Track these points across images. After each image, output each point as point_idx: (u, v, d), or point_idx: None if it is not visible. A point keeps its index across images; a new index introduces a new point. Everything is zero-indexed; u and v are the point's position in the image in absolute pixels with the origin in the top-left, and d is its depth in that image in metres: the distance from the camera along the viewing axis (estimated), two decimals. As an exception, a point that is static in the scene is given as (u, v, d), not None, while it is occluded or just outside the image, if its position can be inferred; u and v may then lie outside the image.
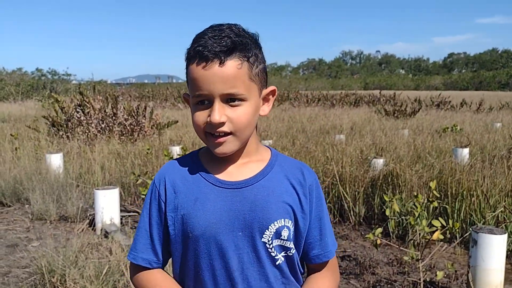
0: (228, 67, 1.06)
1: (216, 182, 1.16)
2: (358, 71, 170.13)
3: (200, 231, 1.12)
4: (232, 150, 1.13)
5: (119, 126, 9.98)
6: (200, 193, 1.15)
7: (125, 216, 5.62)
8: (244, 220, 1.12)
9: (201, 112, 1.11)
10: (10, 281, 3.92)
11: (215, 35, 1.07)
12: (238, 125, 1.10)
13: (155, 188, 1.21)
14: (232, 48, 1.06)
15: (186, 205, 1.14)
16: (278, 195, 1.15)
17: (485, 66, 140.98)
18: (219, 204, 1.13)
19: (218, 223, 1.12)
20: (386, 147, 7.92)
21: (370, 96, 25.92)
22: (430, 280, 3.93)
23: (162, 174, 1.22)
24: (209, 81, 1.06)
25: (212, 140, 1.12)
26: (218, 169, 1.18)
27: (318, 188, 1.23)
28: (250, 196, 1.14)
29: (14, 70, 38.85)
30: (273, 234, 1.13)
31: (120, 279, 3.48)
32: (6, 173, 6.50)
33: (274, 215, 1.13)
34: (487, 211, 4.82)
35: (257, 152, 1.21)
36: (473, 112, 17.47)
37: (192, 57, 1.09)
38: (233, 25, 1.11)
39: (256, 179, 1.16)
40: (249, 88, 1.10)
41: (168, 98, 27.51)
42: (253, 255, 1.13)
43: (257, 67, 1.11)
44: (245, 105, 1.10)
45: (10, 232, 5.21)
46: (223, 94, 1.07)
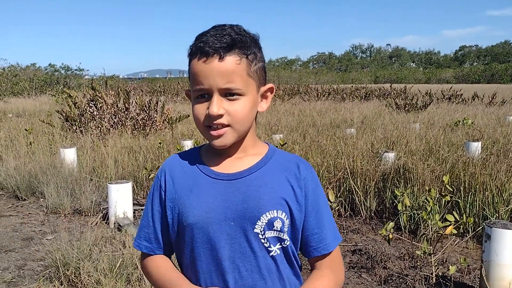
0: (227, 62, 1.11)
1: (211, 173, 1.21)
2: (368, 64, 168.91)
3: (194, 220, 1.16)
4: (230, 142, 1.17)
5: (131, 121, 10.05)
6: (195, 184, 1.20)
7: (138, 210, 5.67)
8: (236, 211, 1.15)
9: (200, 105, 1.16)
10: (25, 273, 3.98)
11: (217, 33, 1.12)
12: (235, 118, 1.14)
13: (157, 179, 1.27)
14: (232, 45, 1.11)
15: (182, 195, 1.20)
16: (271, 187, 1.19)
17: (497, 59, 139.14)
18: (213, 195, 1.17)
19: (211, 212, 1.15)
20: (397, 141, 7.89)
21: (381, 90, 25.74)
22: (442, 274, 3.92)
23: (164, 166, 1.29)
24: (209, 75, 1.11)
25: (210, 132, 1.16)
26: (215, 162, 1.23)
27: (314, 181, 1.25)
28: (243, 187, 1.18)
29: (28, 65, 39.24)
30: (265, 224, 1.15)
31: (133, 272, 3.52)
32: (21, 167, 6.60)
33: (266, 206, 1.16)
34: (501, 205, 4.79)
35: (254, 147, 1.25)
36: (485, 106, 17.28)
37: (193, 53, 1.15)
38: (235, 25, 1.16)
39: (249, 171, 1.20)
40: (246, 84, 1.14)
41: (179, 93, 27.62)
42: (245, 245, 1.16)
43: (255, 65, 1.16)
44: (242, 100, 1.14)
45: (25, 225, 5.29)
46: (222, 89, 1.12)
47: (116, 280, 3.40)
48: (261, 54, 1.20)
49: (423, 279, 3.79)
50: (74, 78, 36.99)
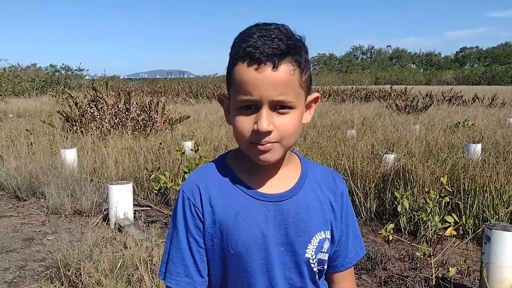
0: (281, 72, 0.98)
1: (256, 195, 1.09)
2: (369, 66, 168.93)
3: (244, 247, 1.06)
4: (276, 159, 1.06)
5: (131, 121, 10.06)
6: (240, 207, 1.08)
7: (138, 211, 5.68)
8: (286, 235, 1.08)
9: (246, 118, 1.02)
10: (26, 274, 3.99)
11: (264, 35, 0.98)
12: (284, 133, 1.02)
13: (188, 201, 1.10)
14: (286, 52, 0.99)
15: (226, 220, 1.07)
16: (316, 206, 1.12)
17: (498, 61, 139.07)
18: (262, 219, 1.07)
19: (263, 238, 1.06)
20: (398, 143, 7.90)
21: (381, 91, 25.74)
22: (442, 276, 3.93)
23: (193, 183, 1.12)
24: (260, 85, 0.98)
25: (258, 147, 1.03)
26: (255, 181, 1.11)
27: (347, 195, 1.21)
28: (292, 209, 1.09)
29: (28, 66, 39.28)
30: (315, 248, 1.10)
31: (134, 273, 3.52)
32: (22, 168, 6.60)
33: (315, 228, 1.10)
34: (501, 207, 4.79)
35: (288, 160, 1.15)
36: (486, 107, 17.28)
37: (240, 57, 0.99)
38: (281, 25, 1.03)
39: (295, 191, 1.11)
40: (298, 96, 1.03)
41: (180, 93, 27.63)
42: (295, 271, 1.09)
43: (306, 73, 1.05)
44: (292, 113, 1.03)
45: (26, 225, 5.30)
46: (273, 101, 0.99)
47: (117, 281, 3.41)
48: (309, 60, 1.07)
49: (423, 280, 3.79)
50: (75, 78, 37.04)
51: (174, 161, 6.90)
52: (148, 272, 3.43)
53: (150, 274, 3.43)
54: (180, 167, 6.11)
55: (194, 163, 5.57)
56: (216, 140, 8.71)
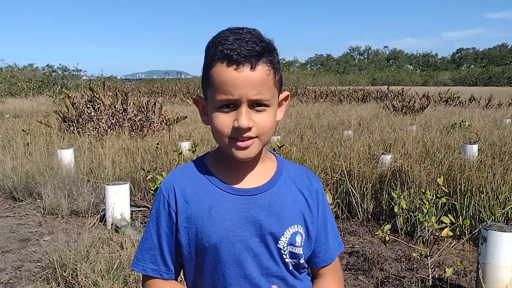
0: (258, 72, 1.04)
1: (229, 189, 1.14)
2: (366, 66, 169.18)
3: (217, 239, 1.10)
4: (254, 154, 1.11)
5: (129, 122, 10.05)
6: (214, 201, 1.13)
7: (135, 211, 5.67)
8: (260, 227, 1.12)
9: (225, 116, 1.07)
10: (22, 275, 3.98)
11: (238, 38, 1.04)
12: (263, 129, 1.08)
13: (163, 198, 1.17)
14: (261, 53, 1.05)
15: (200, 214, 1.12)
16: (290, 201, 1.17)
17: (494, 62, 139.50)
18: (234, 212, 1.12)
19: (235, 230, 1.11)
20: (394, 143, 7.91)
21: (378, 92, 25.79)
22: (439, 276, 3.94)
23: (170, 183, 1.18)
24: (240, 85, 1.03)
25: (237, 144, 1.08)
26: (230, 177, 1.16)
27: (323, 193, 1.25)
28: (265, 202, 1.14)
29: (25, 66, 39.15)
30: (287, 240, 1.14)
31: (130, 274, 3.52)
32: (19, 168, 6.59)
33: (288, 221, 1.14)
34: (497, 208, 4.81)
35: (265, 158, 1.21)
36: (482, 108, 17.32)
37: (219, 59, 1.05)
38: (252, 29, 1.09)
39: (269, 185, 1.16)
40: (273, 94, 1.09)
41: (177, 94, 27.61)
42: (270, 260, 1.13)
43: (278, 74, 1.11)
44: (268, 111, 1.09)
45: (22, 226, 5.28)
46: (251, 100, 1.05)
47: (113, 281, 3.40)
48: (279, 61, 1.14)
49: (419, 281, 3.80)
50: (72, 78, 36.95)
51: (171, 161, 6.90)
52: (145, 273, 3.42)
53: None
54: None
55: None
56: (213, 141, 8.70)
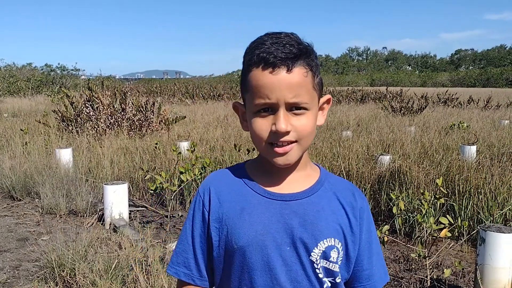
0: (295, 74, 1.02)
1: (263, 192, 1.11)
2: (364, 67, 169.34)
3: (246, 242, 1.06)
4: (294, 159, 1.08)
5: (127, 122, 10.04)
6: (247, 203, 1.10)
7: (134, 211, 5.67)
8: (292, 235, 1.07)
9: (263, 120, 1.06)
10: (20, 274, 3.97)
11: (276, 42, 1.03)
12: (302, 133, 1.06)
13: (199, 198, 1.16)
14: (298, 55, 1.03)
15: (232, 215, 1.10)
16: (329, 213, 1.11)
17: (493, 63, 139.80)
18: (267, 215, 1.08)
19: (266, 234, 1.06)
20: (393, 144, 7.92)
21: (377, 93, 25.82)
22: (437, 277, 3.94)
23: (207, 184, 1.17)
24: (276, 88, 1.02)
25: (275, 150, 1.06)
26: (266, 181, 1.13)
27: (368, 212, 1.18)
28: (300, 210, 1.09)
29: (24, 65, 39.05)
30: (321, 253, 1.07)
31: (129, 274, 3.51)
32: (17, 168, 6.58)
33: (324, 233, 1.08)
34: (495, 209, 4.81)
35: (306, 167, 1.16)
36: (481, 109, 17.34)
37: (255, 63, 1.04)
38: (290, 33, 1.07)
39: (306, 193, 1.12)
40: (312, 97, 1.07)
41: (175, 94, 27.57)
42: (301, 272, 1.07)
43: (317, 77, 1.09)
44: (308, 114, 1.06)
45: (20, 226, 5.27)
46: (289, 103, 1.03)
47: (112, 281, 3.40)
48: (318, 64, 1.11)
49: (417, 282, 3.80)
50: (70, 78, 36.89)
51: (170, 161, 6.89)
52: (143, 273, 3.42)
53: (145, 275, 3.42)
54: (176, 168, 6.10)
55: (190, 163, 5.57)
56: (212, 141, 8.70)
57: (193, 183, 5.96)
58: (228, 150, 7.54)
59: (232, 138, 8.95)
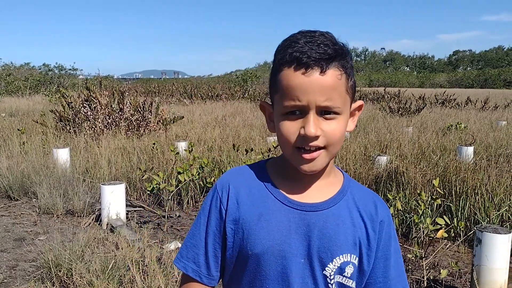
0: (329, 77, 0.97)
1: (284, 200, 1.06)
2: (363, 68, 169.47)
3: (262, 249, 1.03)
4: (321, 167, 1.04)
5: (125, 122, 10.03)
6: (266, 209, 1.05)
7: (131, 211, 5.67)
8: (309, 247, 1.03)
9: (291, 123, 1.01)
10: (17, 274, 3.97)
11: (310, 41, 0.98)
12: (332, 139, 1.00)
13: (216, 194, 1.10)
14: (333, 57, 0.98)
15: (249, 219, 1.05)
16: (348, 226, 1.07)
17: (491, 64, 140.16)
18: (286, 225, 1.04)
19: (283, 244, 1.03)
20: (390, 145, 7.93)
21: (375, 93, 25.85)
22: (434, 278, 3.95)
23: (226, 180, 1.12)
24: (308, 90, 0.96)
25: (303, 156, 1.01)
26: (288, 187, 1.08)
27: (389, 225, 1.13)
28: (319, 222, 1.04)
29: (22, 64, 38.94)
30: (336, 268, 1.04)
31: (125, 274, 3.51)
32: (14, 167, 6.56)
33: (341, 248, 1.04)
34: (492, 210, 4.83)
35: (330, 174, 1.11)
36: (478, 110, 17.37)
37: (287, 62, 0.99)
38: (325, 32, 1.02)
39: (327, 204, 1.07)
40: (344, 101, 1.01)
41: (174, 94, 27.54)
42: (313, 286, 1.04)
43: (351, 80, 1.03)
44: (339, 119, 1.01)
45: (17, 225, 5.27)
46: (320, 106, 0.98)
47: (108, 281, 3.40)
48: (353, 66, 1.06)
49: (414, 282, 3.81)
50: (68, 78, 36.82)
51: (168, 161, 6.89)
52: (140, 273, 3.42)
53: (142, 275, 3.42)
54: (173, 168, 6.10)
55: (188, 163, 5.57)
56: (210, 141, 8.70)
57: (191, 184, 5.96)
58: (226, 150, 7.54)
59: (230, 139, 8.96)
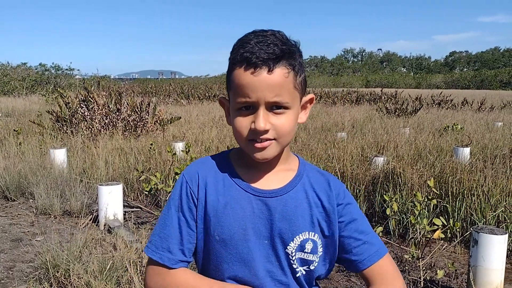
0: (276, 75, 1.06)
1: (247, 188, 1.16)
2: (359, 68, 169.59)
3: (229, 235, 1.12)
4: (272, 155, 1.13)
5: (122, 122, 10.02)
6: (231, 198, 1.14)
7: (128, 212, 5.66)
8: (271, 229, 1.13)
9: (244, 118, 1.10)
10: (14, 275, 3.96)
11: (260, 41, 1.06)
12: (281, 132, 1.10)
13: (186, 184, 1.17)
14: (280, 56, 1.06)
15: (217, 207, 1.14)
16: (305, 207, 1.16)
17: (487, 65, 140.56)
18: (249, 211, 1.13)
19: (248, 229, 1.12)
20: (387, 146, 7.95)
21: (372, 94, 25.89)
22: (430, 278, 3.97)
23: (194, 170, 1.19)
24: (257, 88, 1.05)
25: (255, 145, 1.11)
26: (250, 176, 1.17)
27: (346, 195, 1.22)
28: (279, 206, 1.14)
29: (18, 64, 38.77)
30: (297, 246, 1.14)
31: (123, 275, 3.51)
32: (11, 168, 6.55)
33: (300, 228, 1.14)
34: (488, 211, 4.85)
35: (287, 160, 1.21)
36: (475, 111, 17.43)
37: (238, 62, 1.07)
38: (277, 32, 1.10)
39: (286, 189, 1.16)
40: (293, 97, 1.10)
41: (171, 94, 27.54)
42: (276, 264, 1.14)
43: (300, 76, 1.12)
44: (288, 113, 1.10)
45: (14, 226, 5.26)
46: (269, 102, 1.07)
47: (106, 282, 3.40)
48: (303, 63, 1.15)
49: (411, 283, 3.83)
50: (65, 77, 36.69)
51: (165, 162, 6.89)
52: (138, 274, 3.42)
53: (140, 276, 3.43)
54: (171, 168, 6.10)
55: (185, 164, 5.57)
56: (207, 141, 8.71)
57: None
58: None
59: (228, 139, 8.96)
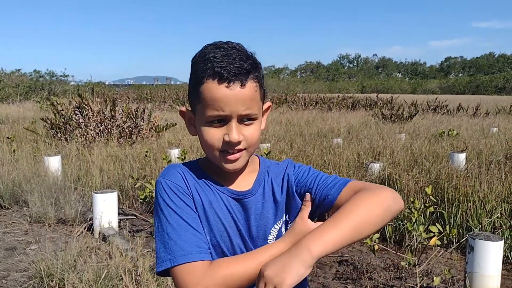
0: (247, 89, 1.10)
1: (224, 190, 1.19)
2: (355, 74, 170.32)
3: (216, 233, 1.15)
4: (242, 165, 1.18)
5: (117, 129, 9.98)
6: (209, 199, 1.18)
7: (123, 220, 5.63)
8: (249, 229, 1.19)
9: (215, 130, 1.12)
10: (8, 284, 3.92)
11: (226, 55, 1.09)
12: (251, 141, 1.15)
13: (175, 185, 1.14)
14: (249, 70, 1.10)
15: (202, 206, 1.16)
16: (270, 200, 1.23)
17: (482, 70, 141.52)
18: (226, 213, 1.17)
19: (229, 227, 1.17)
20: (383, 151, 7.96)
21: (367, 100, 25.97)
22: (427, 285, 3.96)
23: (176, 171, 1.18)
24: (231, 102, 1.08)
25: (228, 157, 1.14)
26: (222, 179, 1.21)
27: (294, 164, 1.29)
28: (252, 205, 1.20)
29: (12, 71, 38.62)
30: (276, 235, 1.21)
31: (118, 284, 3.49)
32: (5, 176, 6.50)
33: (274, 220, 1.22)
34: (484, 217, 4.85)
35: (251, 164, 1.26)
36: (470, 117, 17.50)
37: (209, 76, 1.08)
38: (236, 44, 1.13)
39: (255, 188, 1.22)
40: (259, 108, 1.16)
41: (166, 100, 27.50)
42: None
43: (263, 87, 1.17)
44: (256, 123, 1.16)
45: (8, 235, 5.21)
46: (241, 115, 1.11)
47: (101, 291, 3.37)
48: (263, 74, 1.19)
49: (408, 290, 3.82)
50: (59, 84, 36.58)
51: (160, 169, 6.86)
52: (133, 283, 3.39)
53: (135, 285, 3.40)
54: (166, 176, 6.06)
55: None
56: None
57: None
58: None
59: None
